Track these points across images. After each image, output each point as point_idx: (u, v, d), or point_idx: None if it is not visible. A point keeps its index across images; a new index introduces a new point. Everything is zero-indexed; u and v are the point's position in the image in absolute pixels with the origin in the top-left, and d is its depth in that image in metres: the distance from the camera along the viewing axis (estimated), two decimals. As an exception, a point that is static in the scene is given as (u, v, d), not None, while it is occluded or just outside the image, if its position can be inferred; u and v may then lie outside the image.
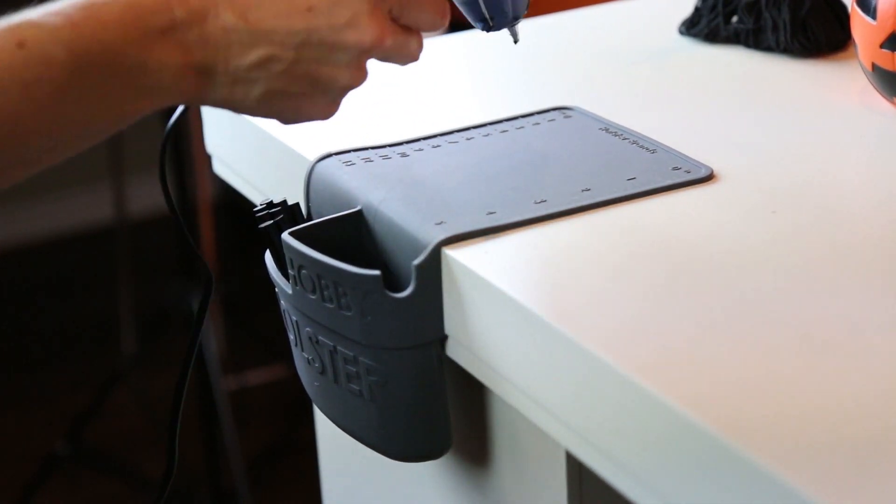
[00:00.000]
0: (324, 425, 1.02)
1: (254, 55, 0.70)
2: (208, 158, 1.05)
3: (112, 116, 0.69)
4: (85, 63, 0.66)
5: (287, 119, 0.75)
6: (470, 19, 0.83)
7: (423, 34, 0.77)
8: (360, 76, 0.74)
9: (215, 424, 2.02)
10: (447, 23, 0.77)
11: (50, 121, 0.66)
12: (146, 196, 2.94)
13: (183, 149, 2.00)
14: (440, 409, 0.77)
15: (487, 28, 0.83)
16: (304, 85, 0.72)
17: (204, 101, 0.72)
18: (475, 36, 0.82)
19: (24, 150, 0.66)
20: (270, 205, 0.83)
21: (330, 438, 1.02)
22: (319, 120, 0.76)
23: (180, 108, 0.78)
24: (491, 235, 0.74)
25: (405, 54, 0.76)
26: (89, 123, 0.68)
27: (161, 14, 0.68)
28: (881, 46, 0.86)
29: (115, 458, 2.28)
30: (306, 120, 0.75)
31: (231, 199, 2.90)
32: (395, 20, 0.74)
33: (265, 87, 0.71)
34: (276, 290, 0.82)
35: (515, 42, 0.85)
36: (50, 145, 0.67)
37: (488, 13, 0.82)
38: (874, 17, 0.87)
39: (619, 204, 0.77)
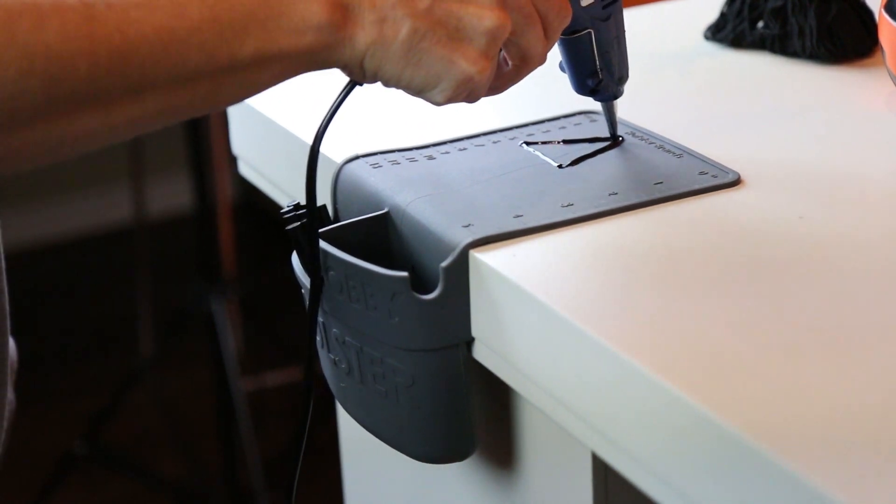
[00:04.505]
0: (347, 426, 1.03)
1: None
2: (228, 160, 1.06)
3: (261, 51, 0.69)
4: None
5: (440, 74, 0.72)
6: (576, 76, 0.83)
7: (549, 30, 0.76)
8: (503, 18, 0.72)
9: (233, 425, 2.02)
10: (568, 20, 0.77)
11: (203, 40, 0.67)
12: (165, 197, 2.95)
13: (203, 150, 2.01)
14: (466, 411, 0.77)
15: (596, 83, 0.83)
16: (449, 26, 0.72)
17: (355, 47, 0.71)
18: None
19: (182, 66, 0.67)
20: (297, 206, 0.83)
21: (353, 440, 1.02)
22: (473, 76, 0.72)
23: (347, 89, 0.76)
24: (518, 238, 0.74)
25: (535, 36, 0.75)
26: (239, 51, 0.68)
27: None
28: (908, 53, 0.86)
29: (132, 459, 2.29)
30: (458, 76, 0.72)
31: (250, 201, 2.91)
32: None
33: (411, 26, 0.71)
34: (303, 291, 0.82)
35: (614, 134, 0.85)
36: (206, 67, 0.68)
37: (600, 63, 0.82)
38: (902, 24, 0.87)
39: (646, 208, 0.77)
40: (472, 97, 0.75)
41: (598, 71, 0.82)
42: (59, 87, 0.64)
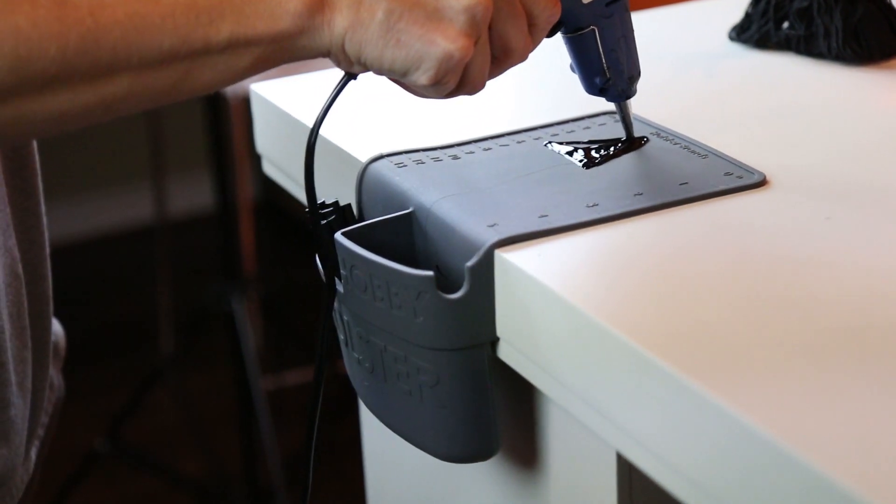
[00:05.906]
0: (369, 425, 1.03)
1: None
2: (249, 159, 1.06)
3: (236, 35, 0.70)
4: None
5: (420, 53, 0.72)
6: (584, 75, 0.83)
7: (535, 27, 0.76)
8: None
9: (253, 423, 2.03)
10: (556, 18, 0.77)
11: (178, 23, 0.69)
12: (186, 196, 2.95)
13: (224, 149, 2.01)
14: (489, 411, 0.77)
15: (604, 82, 0.82)
16: (428, 6, 0.72)
17: (333, 31, 0.72)
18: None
19: (156, 50, 0.69)
20: (322, 205, 0.83)
21: (375, 438, 1.02)
22: (454, 53, 0.72)
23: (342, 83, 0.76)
24: (543, 238, 0.74)
25: (516, 27, 0.74)
26: (215, 35, 0.70)
27: None
28: (935, 54, 0.86)
29: (153, 456, 2.30)
30: (439, 54, 0.72)
31: (271, 200, 2.92)
32: None
33: (387, 6, 0.71)
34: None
35: (630, 136, 0.85)
36: (181, 51, 0.69)
37: (607, 61, 0.82)
38: (928, 25, 0.87)
39: (671, 208, 0.77)
40: (468, 86, 0.75)
41: (606, 69, 0.82)
42: (27, 67, 0.66)
